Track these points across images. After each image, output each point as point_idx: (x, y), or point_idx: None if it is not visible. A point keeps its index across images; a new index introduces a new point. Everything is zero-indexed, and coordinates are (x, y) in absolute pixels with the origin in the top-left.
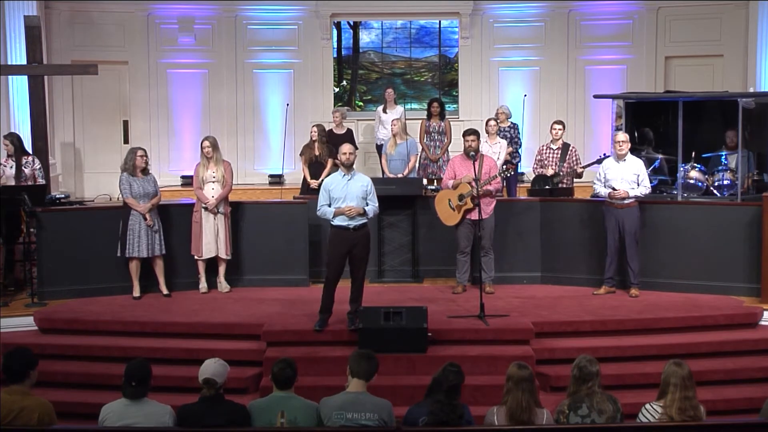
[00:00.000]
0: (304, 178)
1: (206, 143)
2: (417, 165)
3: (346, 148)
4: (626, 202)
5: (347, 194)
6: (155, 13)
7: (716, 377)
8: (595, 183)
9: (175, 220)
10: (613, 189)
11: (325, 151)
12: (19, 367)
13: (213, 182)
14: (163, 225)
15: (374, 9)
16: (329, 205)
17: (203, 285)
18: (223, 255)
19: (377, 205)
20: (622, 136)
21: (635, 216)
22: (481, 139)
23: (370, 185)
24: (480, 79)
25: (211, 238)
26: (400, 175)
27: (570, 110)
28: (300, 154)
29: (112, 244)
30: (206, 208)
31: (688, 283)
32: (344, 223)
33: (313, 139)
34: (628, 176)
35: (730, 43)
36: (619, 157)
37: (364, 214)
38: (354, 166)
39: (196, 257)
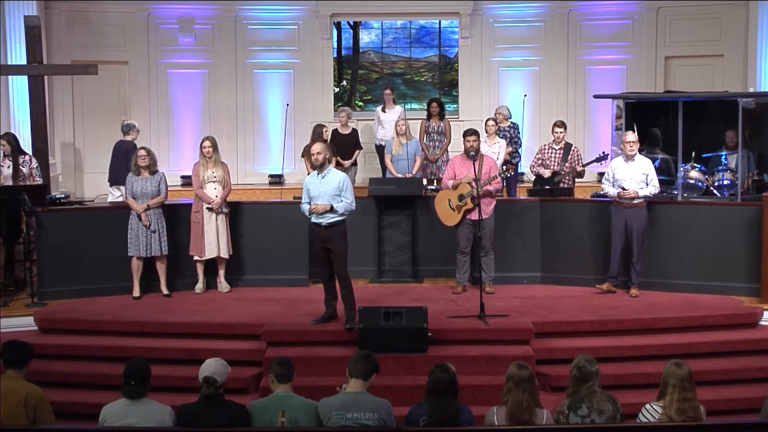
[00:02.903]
0: None
1: (207, 143)
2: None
3: (315, 148)
4: (635, 202)
5: (320, 192)
6: (155, 13)
7: (716, 377)
8: (603, 182)
9: (176, 220)
10: (623, 189)
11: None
12: (18, 353)
13: (214, 182)
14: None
15: (374, 9)
16: (309, 203)
17: (201, 286)
18: (225, 254)
19: (351, 201)
20: (632, 136)
21: (643, 216)
22: (480, 139)
23: (343, 182)
24: (480, 79)
25: (213, 238)
26: (408, 175)
27: (570, 110)
28: (302, 155)
29: (111, 244)
30: (210, 208)
31: (688, 283)
32: (317, 221)
33: (327, 138)
34: (637, 176)
35: (730, 43)
36: (629, 158)
37: (331, 210)
38: (357, 167)
39: (196, 258)
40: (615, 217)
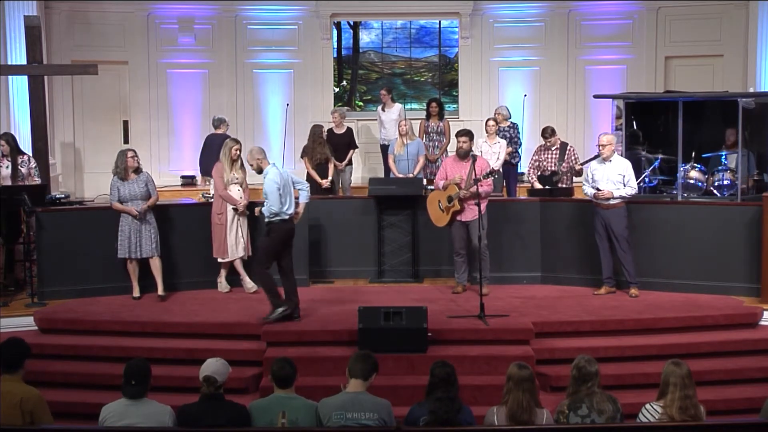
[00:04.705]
0: (313, 179)
1: (238, 145)
2: None
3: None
4: (612, 202)
5: None
6: (155, 13)
7: (716, 377)
8: (583, 183)
9: (175, 220)
10: (598, 189)
11: (329, 151)
12: (13, 356)
13: (236, 184)
14: (163, 225)
15: (374, 9)
16: None
17: (225, 285)
18: (245, 255)
19: (270, 205)
20: (605, 139)
21: (621, 216)
22: (480, 139)
23: (265, 184)
24: (480, 79)
25: (238, 239)
26: (410, 175)
27: (570, 110)
28: (302, 156)
29: (111, 244)
30: (236, 209)
31: (688, 283)
32: None
33: (325, 138)
34: (613, 177)
35: (730, 43)
36: (605, 159)
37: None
38: (352, 166)
39: (220, 260)
40: (595, 218)
